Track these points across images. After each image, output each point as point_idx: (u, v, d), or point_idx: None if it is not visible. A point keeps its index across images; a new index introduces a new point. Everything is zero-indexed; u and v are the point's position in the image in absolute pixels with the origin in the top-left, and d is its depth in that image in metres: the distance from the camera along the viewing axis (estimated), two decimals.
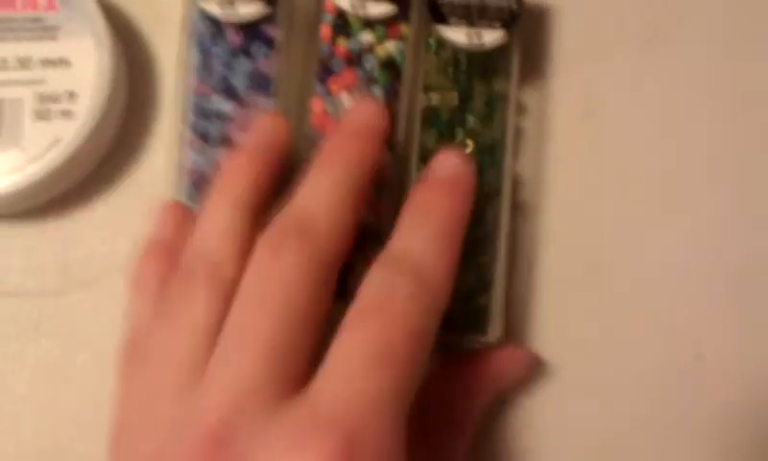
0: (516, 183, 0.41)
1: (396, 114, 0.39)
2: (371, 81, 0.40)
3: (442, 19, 0.40)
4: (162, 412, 0.31)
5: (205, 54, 0.40)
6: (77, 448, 0.40)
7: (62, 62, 0.41)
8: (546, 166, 0.43)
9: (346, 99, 0.40)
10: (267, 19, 0.40)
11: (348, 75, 0.40)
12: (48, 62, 0.41)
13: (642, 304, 0.41)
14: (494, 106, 0.40)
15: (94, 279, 0.41)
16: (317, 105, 0.39)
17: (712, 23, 0.45)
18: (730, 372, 0.41)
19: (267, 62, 0.40)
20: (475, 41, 0.40)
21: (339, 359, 0.30)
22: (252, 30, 0.40)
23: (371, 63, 0.40)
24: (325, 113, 0.39)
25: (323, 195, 0.33)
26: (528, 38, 0.43)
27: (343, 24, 0.40)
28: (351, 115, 0.37)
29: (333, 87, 0.40)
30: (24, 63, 0.41)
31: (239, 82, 0.40)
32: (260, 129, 0.38)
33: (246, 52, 0.40)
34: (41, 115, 0.40)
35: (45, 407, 0.40)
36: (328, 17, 0.40)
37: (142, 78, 0.44)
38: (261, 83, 0.40)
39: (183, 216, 0.38)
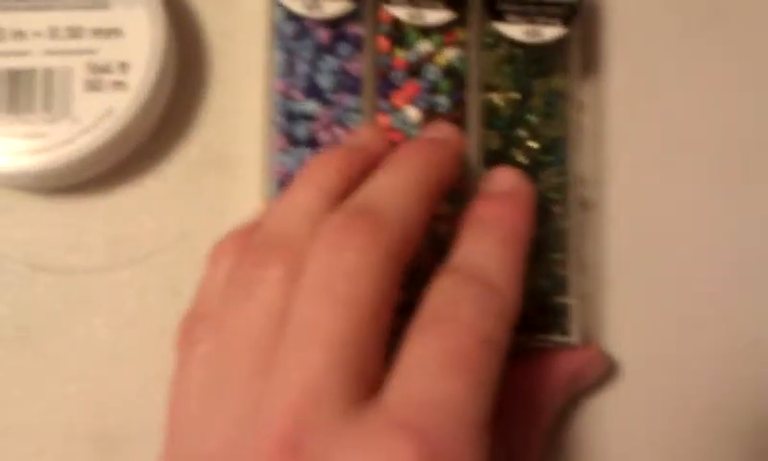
0: (580, 180, 0.41)
1: (464, 118, 0.39)
2: (434, 91, 0.39)
3: (499, 16, 0.39)
4: (228, 402, 0.30)
5: (290, 54, 0.39)
6: (127, 430, 0.39)
7: (114, 32, 0.40)
8: (607, 161, 0.42)
9: (412, 112, 0.39)
10: (352, 16, 0.39)
11: (410, 87, 0.39)
12: (99, 32, 0.40)
13: (702, 293, 0.41)
14: (554, 102, 0.40)
15: (143, 256, 0.40)
16: (383, 121, 0.39)
17: (764, 12, 0.44)
18: None
19: (353, 61, 0.39)
20: (535, 38, 0.39)
21: (412, 364, 0.29)
22: (337, 28, 0.39)
23: (433, 73, 0.39)
24: (392, 129, 0.39)
25: (397, 187, 0.32)
26: (583, 31, 0.42)
27: (399, 35, 0.40)
28: (429, 130, 0.37)
29: (397, 101, 0.39)
30: (74, 33, 0.40)
31: (325, 81, 0.39)
32: (357, 134, 0.37)
33: (331, 50, 0.39)
34: (93, 86, 0.39)
35: (94, 388, 0.39)
36: (384, 28, 0.40)
37: (191, 49, 0.43)
38: (347, 82, 0.39)
39: None
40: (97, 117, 0.39)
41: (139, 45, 0.39)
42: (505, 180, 0.36)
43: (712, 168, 0.43)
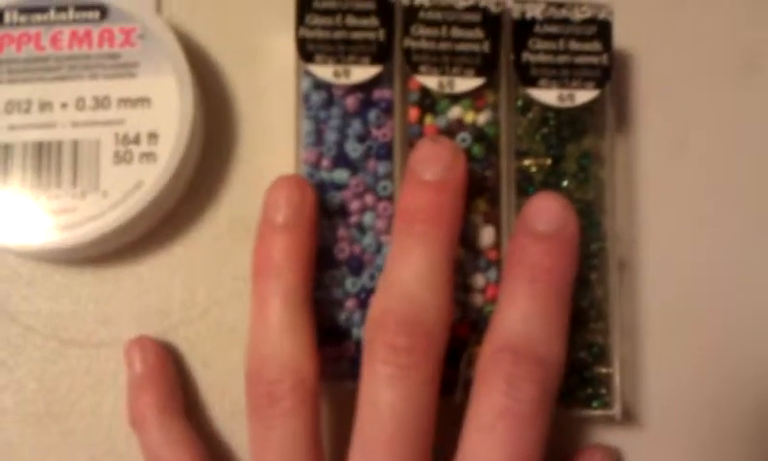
0: (617, 243, 0.40)
1: (495, 187, 0.39)
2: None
3: (531, 82, 0.39)
4: None
5: (318, 123, 0.39)
6: None
7: (142, 102, 0.39)
8: (640, 219, 0.42)
9: None
10: (379, 81, 0.39)
11: None
12: (127, 102, 0.39)
13: (736, 350, 0.41)
14: (587, 164, 0.40)
15: (172, 327, 0.40)
16: None
17: None
18: None
19: (382, 126, 0.39)
20: (567, 102, 0.39)
21: None
22: (365, 93, 0.39)
23: (464, 140, 0.39)
24: None
25: (423, 274, 0.34)
26: (615, 89, 0.42)
27: (429, 102, 0.40)
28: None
29: None
30: (101, 103, 0.39)
31: (354, 149, 0.39)
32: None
33: (360, 117, 0.39)
34: (121, 158, 0.39)
35: None
36: (413, 96, 0.39)
37: (219, 113, 0.42)
38: (377, 148, 0.39)
39: None
40: (126, 190, 0.38)
41: (168, 114, 0.39)
42: (550, 215, 0.35)
43: (747, 225, 0.43)
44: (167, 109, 0.39)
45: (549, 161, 0.40)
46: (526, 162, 0.40)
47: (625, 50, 0.43)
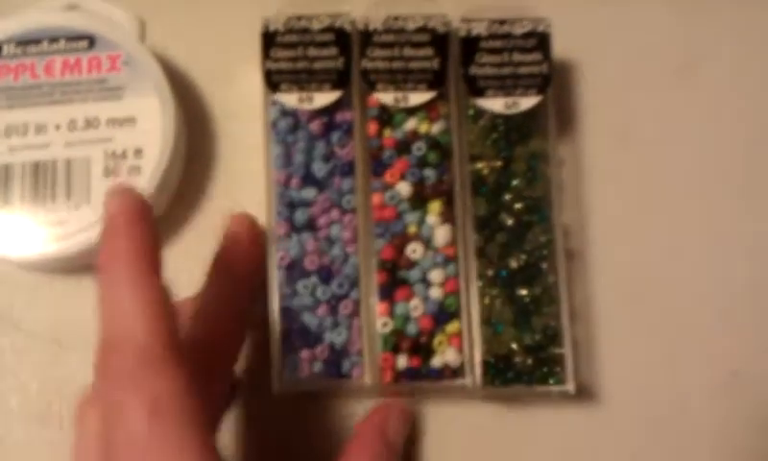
0: (564, 234, 0.44)
1: (451, 189, 0.42)
2: (421, 164, 0.42)
3: (479, 92, 0.43)
4: None
5: (287, 146, 0.42)
6: None
7: (128, 121, 0.43)
8: (588, 212, 0.46)
9: (403, 187, 0.42)
10: (340, 104, 0.43)
11: (400, 164, 0.42)
12: (114, 121, 0.43)
13: (683, 328, 0.45)
14: (535, 164, 0.43)
15: None
16: (376, 198, 0.42)
17: (729, 61, 0.48)
18: (764, 388, 0.44)
19: (345, 146, 0.42)
20: (513, 109, 0.43)
21: None
22: (328, 116, 0.43)
23: (420, 149, 0.42)
24: (384, 205, 0.42)
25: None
26: (557, 94, 0.46)
27: (386, 116, 0.43)
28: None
29: (388, 179, 0.42)
30: (91, 123, 0.43)
31: (319, 168, 0.42)
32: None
33: (324, 138, 0.42)
34: (111, 172, 0.42)
35: None
36: (372, 111, 0.43)
37: (199, 130, 0.46)
38: (341, 166, 0.42)
39: None
40: None
41: (152, 132, 0.43)
42: (108, 210, 0.34)
43: (687, 212, 0.46)
44: (151, 127, 0.43)
45: (500, 163, 0.43)
46: (479, 165, 0.43)
47: (569, 57, 0.47)
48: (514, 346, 0.41)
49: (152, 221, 0.35)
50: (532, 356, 0.41)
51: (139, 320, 0.32)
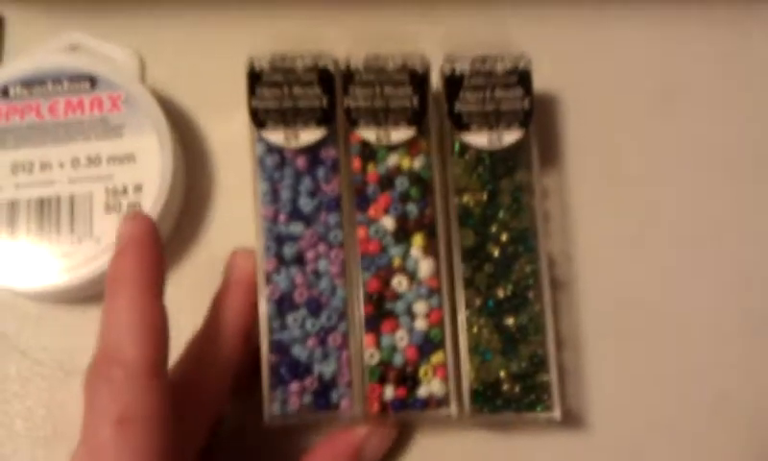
0: (551, 263, 0.45)
1: (434, 222, 0.44)
2: (404, 199, 0.44)
3: (464, 127, 0.44)
4: None
5: (274, 182, 0.43)
6: None
7: (128, 158, 0.45)
8: (574, 241, 0.47)
9: (387, 222, 0.43)
10: (325, 142, 0.44)
11: (383, 199, 0.44)
12: (115, 159, 0.45)
13: (669, 355, 0.46)
14: (520, 196, 0.45)
15: None
16: (361, 232, 0.43)
17: (708, 90, 0.50)
18: (749, 411, 0.45)
19: (330, 182, 0.44)
20: (496, 143, 0.44)
21: None
22: (313, 153, 0.44)
23: (402, 184, 0.44)
24: (369, 238, 0.43)
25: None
26: (542, 127, 0.48)
27: (369, 152, 0.44)
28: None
29: (373, 213, 0.43)
30: (93, 161, 0.45)
31: (306, 203, 0.43)
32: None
33: (310, 174, 0.44)
34: (111, 207, 0.44)
35: None
36: (355, 148, 0.44)
37: (197, 162, 0.48)
38: (327, 201, 0.43)
39: None
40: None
41: (151, 168, 0.45)
42: (121, 234, 0.38)
43: (671, 240, 0.48)
44: (150, 164, 0.45)
45: (486, 196, 0.44)
46: (465, 198, 0.44)
47: (552, 90, 0.49)
48: (501, 374, 0.43)
49: (159, 246, 0.38)
50: (519, 384, 0.42)
51: (132, 339, 0.35)
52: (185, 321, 0.44)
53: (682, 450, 0.45)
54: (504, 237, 0.44)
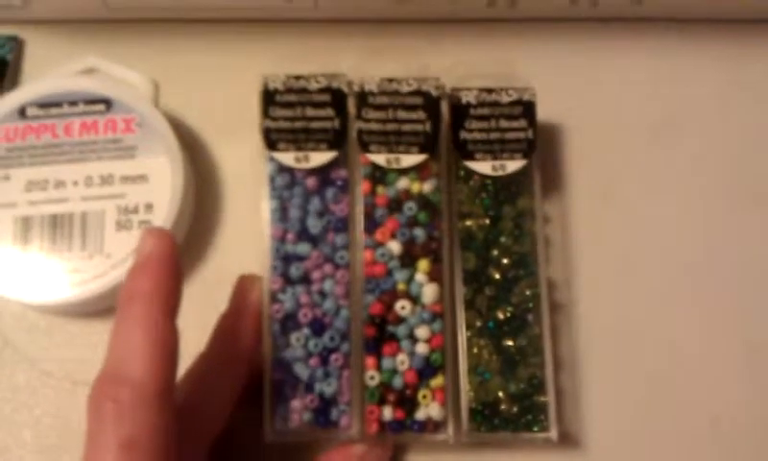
0: (551, 287, 0.46)
1: (440, 246, 0.44)
2: (412, 224, 0.44)
3: (469, 156, 0.45)
4: None
5: (283, 201, 0.44)
6: None
7: (140, 178, 0.46)
8: (574, 266, 0.48)
9: (394, 246, 0.44)
10: (335, 163, 0.44)
11: (391, 223, 0.44)
12: (127, 179, 0.46)
13: (665, 378, 0.47)
14: (522, 222, 0.46)
15: None
16: (367, 255, 0.44)
17: (705, 120, 0.51)
18: (743, 434, 0.46)
19: (339, 203, 0.44)
20: (500, 171, 0.45)
21: None
22: (323, 174, 0.44)
23: (410, 209, 0.44)
24: (375, 262, 0.44)
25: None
26: (544, 155, 0.49)
27: (380, 174, 0.45)
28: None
29: (380, 237, 0.44)
30: (106, 180, 0.46)
31: (314, 224, 0.44)
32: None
33: (319, 195, 0.44)
34: (122, 225, 0.45)
35: None
36: (366, 170, 0.45)
37: (208, 185, 0.49)
38: (335, 223, 0.44)
39: None
40: (127, 252, 0.45)
41: (162, 188, 0.46)
42: (141, 248, 0.37)
43: (669, 266, 0.48)
44: (161, 184, 0.46)
45: (488, 221, 0.45)
46: (468, 223, 0.45)
47: (555, 119, 0.50)
48: (500, 394, 0.43)
49: (178, 266, 0.37)
50: (517, 404, 0.43)
51: (141, 358, 0.34)
52: (192, 339, 0.44)
53: None
54: (505, 261, 0.45)
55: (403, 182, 0.45)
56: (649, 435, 0.46)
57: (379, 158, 0.44)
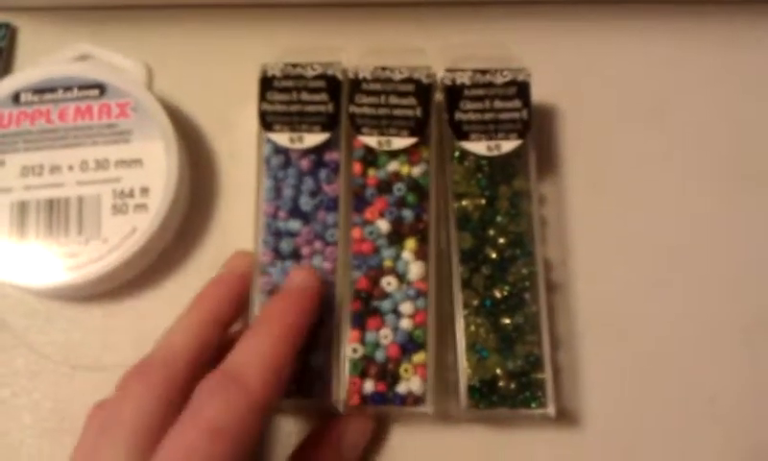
0: (547, 267, 0.47)
1: (427, 228, 0.45)
2: (401, 204, 0.45)
3: (464, 136, 0.46)
4: None
5: (277, 181, 0.45)
6: None
7: (135, 162, 0.46)
8: (570, 246, 0.48)
9: (382, 224, 0.45)
10: (328, 145, 0.45)
11: (380, 202, 0.45)
12: (123, 163, 0.46)
13: (661, 355, 0.47)
14: (518, 202, 0.46)
15: None
16: (356, 233, 0.44)
17: (700, 102, 0.51)
18: (740, 412, 0.46)
19: (330, 183, 0.45)
20: (495, 151, 0.46)
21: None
22: (316, 155, 0.45)
23: (399, 190, 0.45)
24: (363, 239, 0.44)
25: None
26: (539, 137, 0.49)
27: (371, 157, 0.46)
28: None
29: (369, 216, 0.45)
30: (102, 165, 0.46)
31: (306, 202, 0.45)
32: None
33: (312, 175, 0.45)
34: (118, 209, 0.45)
35: None
36: (358, 153, 0.46)
37: (203, 169, 0.49)
38: (326, 201, 0.45)
39: None
40: (123, 236, 0.45)
41: (157, 172, 0.46)
42: (292, 278, 0.42)
43: (663, 244, 0.49)
44: (156, 167, 0.46)
45: (484, 201, 0.46)
46: (464, 203, 0.46)
47: (551, 102, 0.50)
48: (498, 371, 0.43)
49: (316, 304, 0.41)
50: (515, 381, 0.43)
51: (262, 373, 0.37)
52: None
53: (672, 448, 0.45)
54: (502, 240, 0.45)
55: (393, 165, 0.46)
56: (646, 412, 0.46)
57: (371, 140, 0.45)
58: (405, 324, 0.43)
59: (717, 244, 0.49)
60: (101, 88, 0.47)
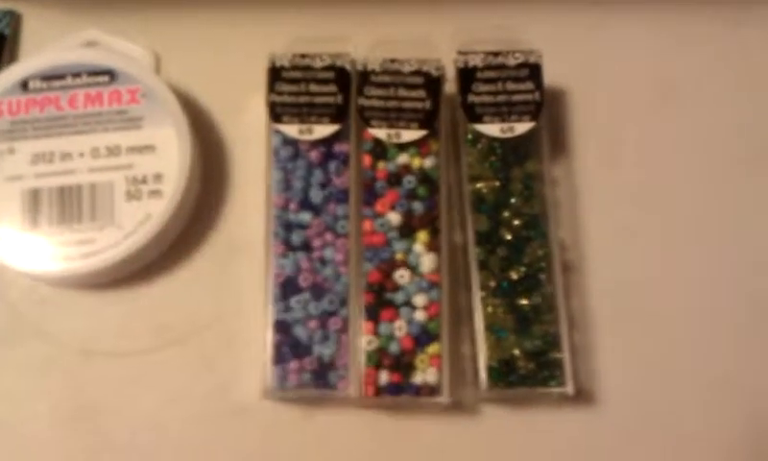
0: (561, 247, 0.46)
1: (438, 219, 0.45)
2: (411, 197, 0.45)
3: (477, 119, 0.46)
4: None
5: (287, 173, 0.45)
6: None
7: (148, 148, 0.46)
8: (582, 227, 0.48)
9: (393, 217, 0.45)
10: (338, 136, 0.45)
11: (390, 195, 0.45)
12: (135, 149, 0.46)
13: (676, 334, 0.47)
14: (531, 184, 0.46)
15: (180, 338, 0.46)
16: (367, 225, 0.45)
17: (708, 85, 0.52)
18: (755, 390, 0.46)
19: (340, 175, 0.45)
20: (508, 133, 0.46)
21: None
22: (326, 147, 0.45)
23: (410, 182, 0.45)
24: (374, 231, 0.44)
25: None
26: (552, 119, 0.49)
27: (381, 149, 0.46)
28: None
29: (379, 208, 0.45)
30: (113, 151, 0.46)
31: (316, 194, 0.45)
32: None
33: (322, 167, 0.45)
34: (133, 195, 0.45)
35: (142, 456, 0.44)
36: (367, 145, 0.46)
37: (214, 155, 0.49)
38: (336, 193, 0.45)
39: None
40: (137, 222, 0.45)
41: (170, 158, 0.46)
42: None
43: (675, 225, 0.49)
44: (169, 153, 0.46)
45: (498, 183, 0.46)
46: (478, 185, 0.46)
47: (563, 85, 0.50)
48: (516, 351, 0.44)
49: None
50: (533, 361, 0.44)
51: None
52: (205, 301, 0.46)
53: (687, 425, 0.46)
54: (517, 222, 0.45)
55: (403, 158, 0.46)
56: (659, 389, 0.46)
57: (380, 133, 0.45)
58: (419, 316, 0.44)
59: (730, 224, 0.49)
60: (110, 74, 0.47)
